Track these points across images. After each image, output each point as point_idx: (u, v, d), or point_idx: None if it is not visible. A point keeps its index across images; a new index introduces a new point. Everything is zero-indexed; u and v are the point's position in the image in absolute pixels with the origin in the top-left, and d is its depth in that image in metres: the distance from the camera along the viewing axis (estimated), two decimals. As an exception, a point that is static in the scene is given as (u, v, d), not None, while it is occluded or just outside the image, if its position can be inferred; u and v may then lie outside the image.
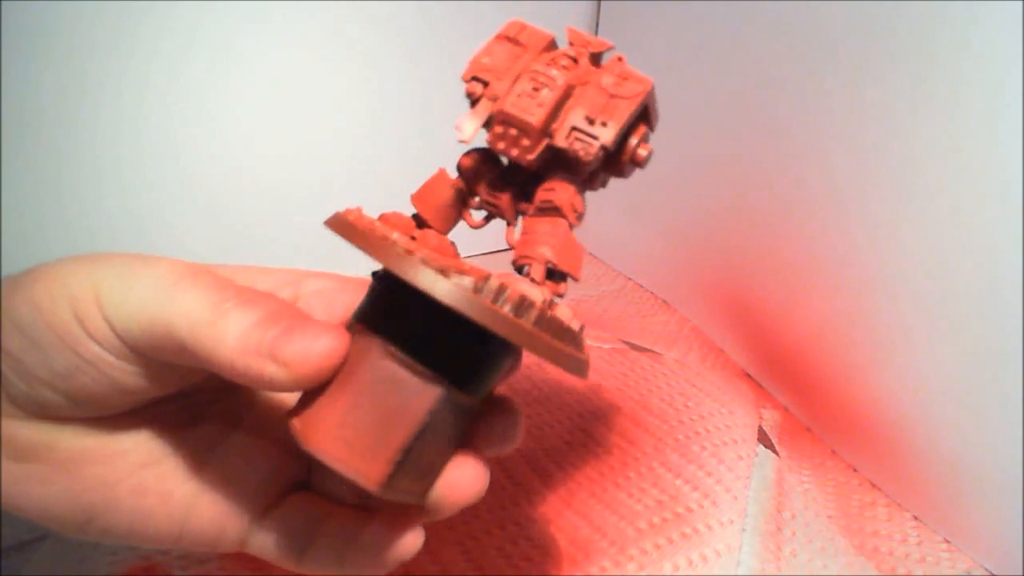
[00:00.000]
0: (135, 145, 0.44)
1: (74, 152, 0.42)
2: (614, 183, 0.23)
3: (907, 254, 0.31)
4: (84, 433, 0.19)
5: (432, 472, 0.18)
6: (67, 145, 0.42)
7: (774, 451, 0.36)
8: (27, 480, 0.18)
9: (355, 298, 0.20)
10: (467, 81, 0.20)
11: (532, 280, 0.19)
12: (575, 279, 0.20)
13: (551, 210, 0.20)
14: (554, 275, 0.20)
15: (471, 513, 0.30)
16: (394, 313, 0.18)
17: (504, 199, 0.21)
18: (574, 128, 0.19)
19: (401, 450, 0.17)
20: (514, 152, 0.19)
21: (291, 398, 0.19)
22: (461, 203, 0.21)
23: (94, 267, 0.18)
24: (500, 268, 0.19)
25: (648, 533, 0.29)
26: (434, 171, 0.21)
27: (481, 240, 0.57)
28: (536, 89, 0.19)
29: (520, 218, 0.21)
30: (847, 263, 0.34)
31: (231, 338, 0.16)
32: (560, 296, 0.19)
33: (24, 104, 0.40)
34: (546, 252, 0.19)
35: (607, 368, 0.41)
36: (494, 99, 0.19)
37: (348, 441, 0.17)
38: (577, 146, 0.19)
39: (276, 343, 0.16)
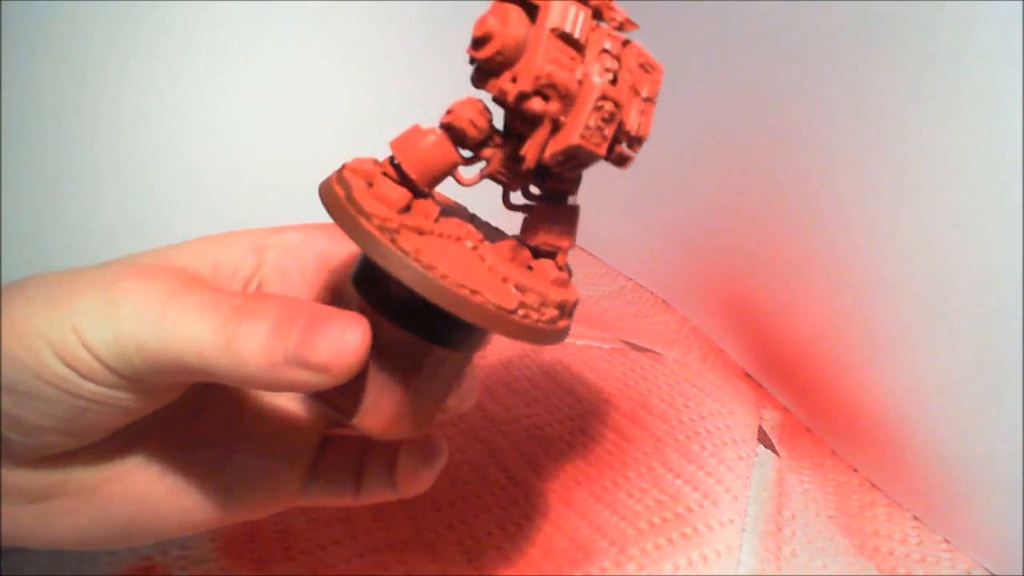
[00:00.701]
0: (135, 145, 0.44)
1: (74, 152, 0.42)
2: (613, 184, 0.23)
3: (907, 254, 0.31)
4: (95, 458, 0.18)
5: (435, 405, 0.20)
6: (67, 145, 0.42)
7: (774, 451, 0.36)
8: (54, 514, 0.18)
9: (325, 247, 0.21)
10: (530, 94, 0.17)
11: (560, 268, 0.19)
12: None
13: (562, 198, 0.20)
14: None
15: (471, 513, 0.30)
16: (388, 289, 0.18)
17: (517, 173, 0.19)
18: (616, 141, 0.18)
19: (432, 405, 0.19)
20: (570, 175, 0.19)
21: None
22: (454, 165, 0.19)
23: (66, 307, 0.16)
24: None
25: (648, 533, 0.29)
26: (427, 132, 0.19)
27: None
28: (606, 120, 0.17)
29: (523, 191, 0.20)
30: (847, 263, 0.34)
31: (253, 357, 0.15)
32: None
33: (24, 104, 0.40)
34: (568, 242, 0.19)
35: (607, 368, 0.41)
36: (558, 126, 0.17)
37: (406, 416, 0.19)
38: (619, 162, 0.19)
39: (302, 349, 0.15)
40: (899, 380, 0.32)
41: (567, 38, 0.17)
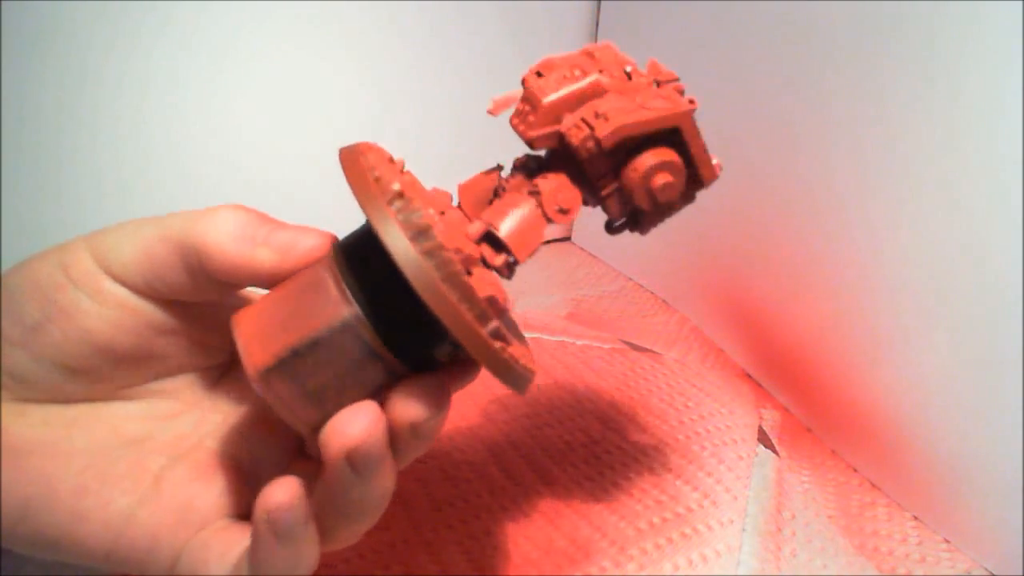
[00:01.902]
0: (135, 144, 0.44)
1: (74, 152, 0.42)
2: None
3: (907, 254, 0.31)
4: (38, 425, 0.19)
5: (323, 403, 0.18)
6: (67, 145, 0.42)
7: (774, 451, 0.36)
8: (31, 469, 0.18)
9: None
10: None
11: (465, 236, 0.19)
12: (515, 258, 0.19)
13: (534, 194, 0.20)
14: (495, 243, 0.19)
15: (471, 513, 0.30)
16: (352, 239, 0.19)
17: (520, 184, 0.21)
18: (582, 119, 0.19)
19: (290, 348, 0.18)
20: (521, 127, 0.19)
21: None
22: (493, 192, 0.21)
23: (87, 240, 0.19)
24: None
25: (648, 533, 0.29)
26: (483, 168, 0.21)
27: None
28: (566, 77, 0.19)
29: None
30: (847, 263, 0.34)
31: (227, 225, 0.18)
32: (493, 267, 0.19)
33: (24, 104, 0.40)
34: (496, 218, 0.19)
35: (607, 368, 0.41)
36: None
37: (256, 323, 0.18)
38: (572, 131, 0.19)
39: (270, 233, 0.19)
40: (899, 380, 0.32)
41: (588, 54, 0.21)
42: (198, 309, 0.20)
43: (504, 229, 0.19)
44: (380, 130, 0.50)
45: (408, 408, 0.18)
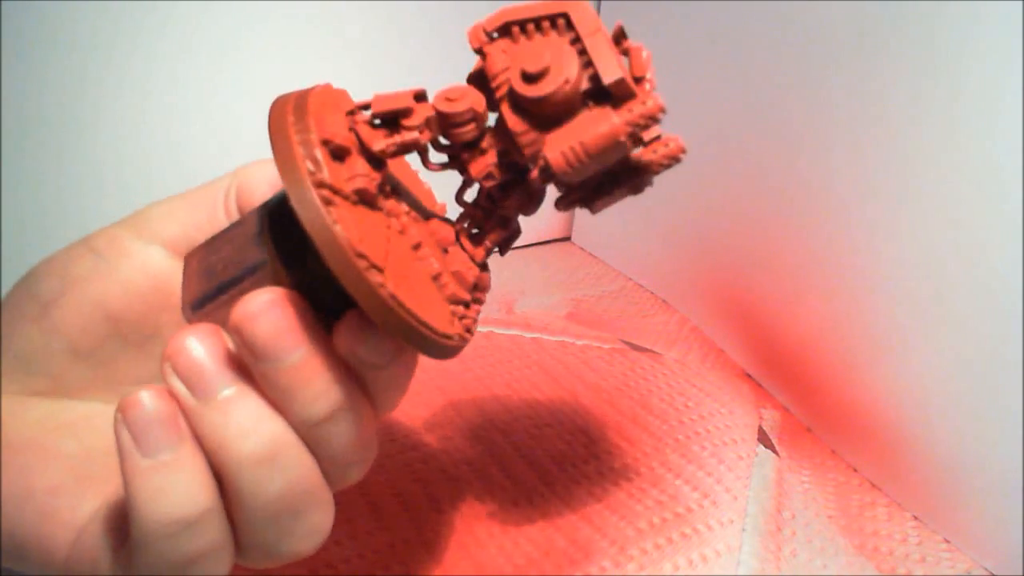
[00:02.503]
0: (136, 144, 0.44)
1: (75, 152, 0.42)
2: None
3: (907, 254, 0.31)
4: (33, 424, 0.19)
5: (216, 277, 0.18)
6: (67, 145, 0.42)
7: (774, 451, 0.36)
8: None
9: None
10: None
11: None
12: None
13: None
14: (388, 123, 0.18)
15: (471, 513, 0.30)
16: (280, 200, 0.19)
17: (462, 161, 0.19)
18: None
19: (214, 292, 0.17)
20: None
21: None
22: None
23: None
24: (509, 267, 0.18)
25: (648, 533, 0.29)
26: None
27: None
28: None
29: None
30: (847, 263, 0.34)
31: (266, 174, 0.21)
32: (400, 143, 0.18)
33: (24, 104, 0.40)
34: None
35: (607, 368, 0.41)
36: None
37: (197, 261, 0.18)
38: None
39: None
40: (899, 380, 0.32)
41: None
42: None
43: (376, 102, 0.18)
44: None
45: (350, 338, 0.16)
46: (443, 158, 0.19)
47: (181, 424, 0.15)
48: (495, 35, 0.18)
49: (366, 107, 0.18)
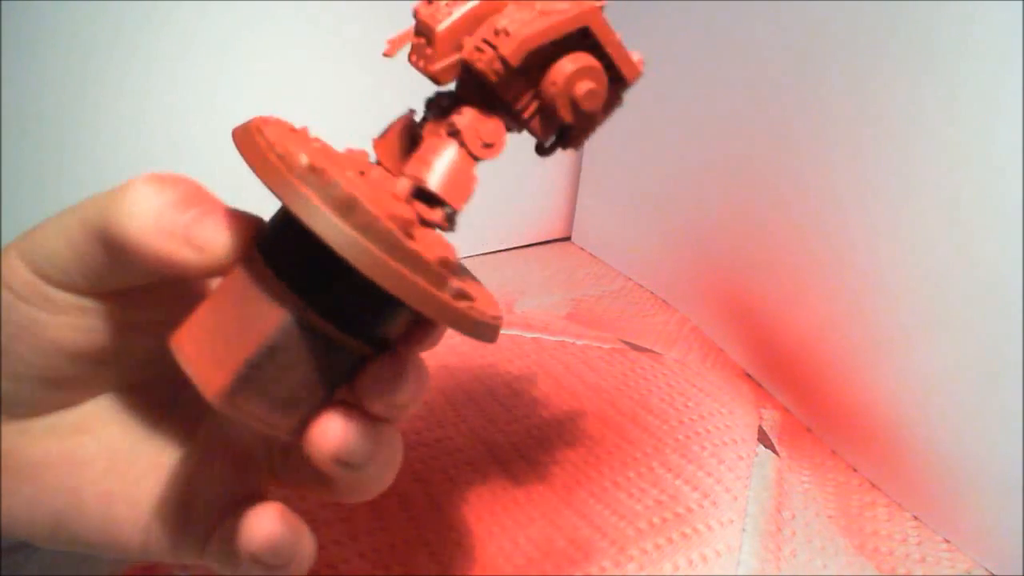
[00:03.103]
0: (135, 144, 0.44)
1: (74, 152, 0.42)
2: (614, 184, 0.22)
3: (907, 254, 0.31)
4: (45, 437, 0.19)
5: (296, 407, 0.17)
6: (67, 145, 0.42)
7: (774, 451, 0.36)
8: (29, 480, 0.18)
9: None
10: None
11: (394, 197, 0.17)
12: (452, 207, 0.18)
13: (453, 134, 0.18)
14: (428, 198, 0.18)
15: (471, 513, 0.30)
16: (273, 226, 0.17)
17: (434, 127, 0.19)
18: (483, 40, 0.17)
19: (247, 363, 0.16)
20: (421, 63, 0.18)
21: None
22: (410, 140, 0.19)
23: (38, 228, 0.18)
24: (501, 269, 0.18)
25: (648, 533, 0.29)
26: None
27: (476, 242, 0.56)
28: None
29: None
30: (847, 263, 0.34)
31: (145, 215, 0.16)
32: (432, 224, 0.18)
33: (24, 104, 0.40)
34: (421, 171, 0.17)
35: (607, 368, 0.41)
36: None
37: (200, 343, 0.16)
38: (475, 56, 0.17)
39: (191, 227, 0.16)
40: (899, 380, 0.32)
41: None
42: (160, 290, 0.19)
43: (433, 181, 0.17)
44: (380, 129, 0.50)
45: (374, 396, 0.17)
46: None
47: None
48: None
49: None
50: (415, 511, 0.30)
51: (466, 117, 0.18)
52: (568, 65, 0.17)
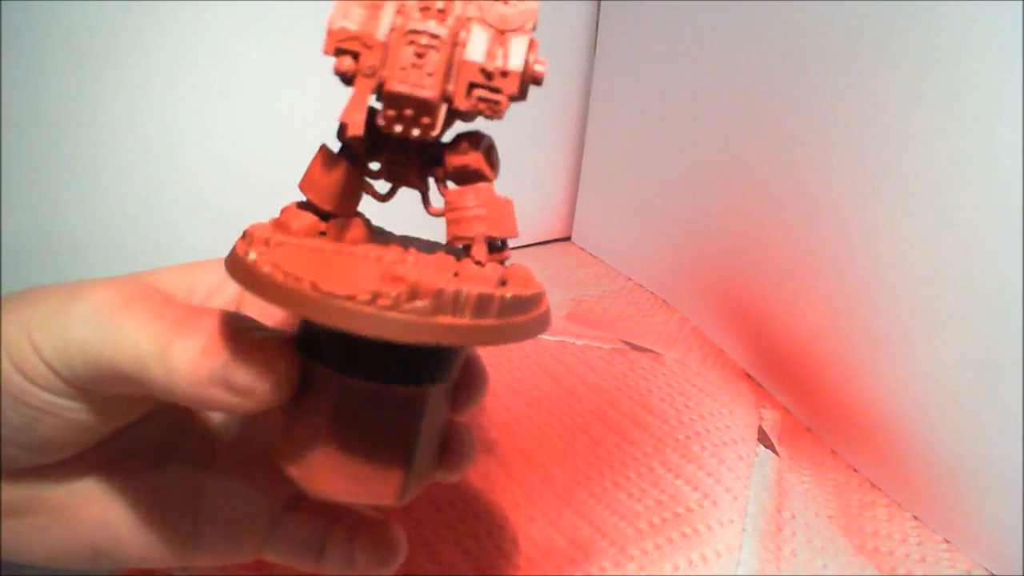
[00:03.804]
0: (134, 144, 0.44)
1: (73, 152, 0.42)
2: (614, 184, 0.22)
3: (906, 254, 0.31)
4: (66, 479, 0.19)
5: (435, 454, 0.19)
6: (66, 145, 0.42)
7: (774, 451, 0.36)
8: (26, 532, 0.18)
9: None
10: (332, 55, 0.17)
11: (477, 262, 0.17)
12: (514, 236, 0.18)
13: (470, 174, 0.17)
14: (494, 246, 0.18)
15: (471, 513, 0.30)
16: (342, 347, 0.16)
17: (410, 169, 0.18)
18: (473, 85, 0.16)
19: (407, 461, 0.17)
20: (416, 132, 0.16)
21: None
22: (359, 177, 0.18)
23: (23, 310, 0.17)
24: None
25: (648, 533, 0.29)
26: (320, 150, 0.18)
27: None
28: (421, 55, 0.16)
29: (434, 184, 0.18)
30: (847, 263, 0.34)
31: (183, 371, 0.16)
32: (505, 261, 0.18)
33: (23, 104, 0.40)
34: (481, 228, 0.17)
35: (607, 368, 0.41)
36: (372, 74, 0.16)
37: (355, 475, 0.17)
38: (483, 107, 0.16)
39: (228, 372, 0.16)
40: (899, 380, 0.32)
41: None
42: None
43: (492, 229, 0.17)
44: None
45: (476, 401, 0.20)
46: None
47: None
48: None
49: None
50: (415, 511, 0.30)
51: (478, 152, 0.17)
52: (530, 56, 0.16)
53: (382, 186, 0.18)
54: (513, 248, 0.22)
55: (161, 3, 0.41)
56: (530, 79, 0.17)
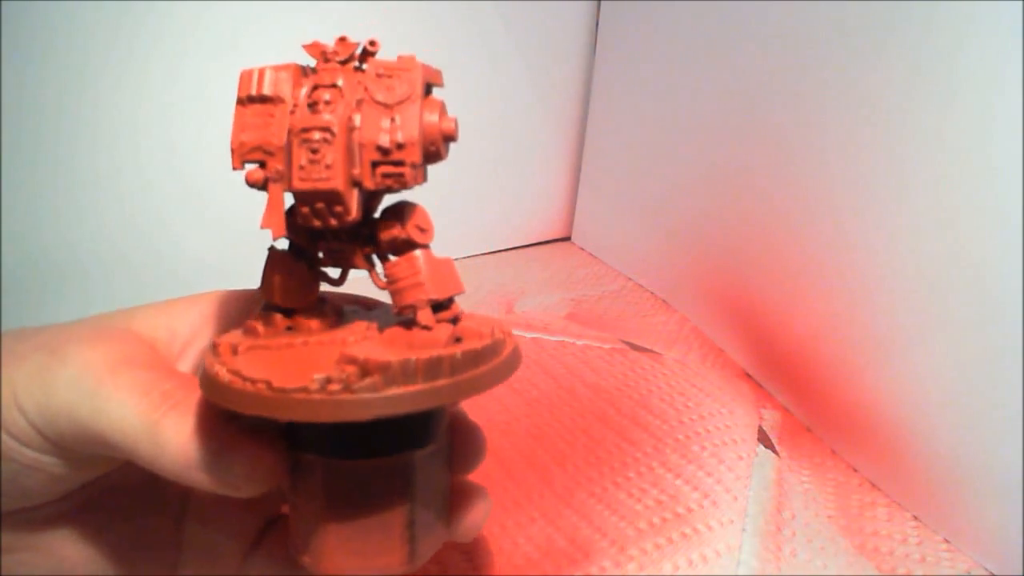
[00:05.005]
0: (134, 145, 0.44)
1: (73, 153, 0.42)
2: (613, 185, 0.22)
3: (906, 254, 0.31)
4: (54, 518, 0.19)
5: (441, 516, 0.19)
6: (66, 146, 0.42)
7: (774, 451, 0.36)
8: (17, 565, 0.19)
9: None
10: (241, 169, 0.17)
11: (424, 327, 0.17)
12: (460, 293, 0.18)
13: (402, 244, 0.18)
14: (441, 306, 0.18)
15: (471, 513, 0.30)
16: (317, 434, 0.17)
17: (350, 251, 0.18)
18: (376, 164, 0.16)
19: (408, 528, 0.17)
20: (334, 222, 0.17)
21: None
22: (308, 269, 0.19)
23: (7, 367, 0.17)
24: (499, 269, 0.18)
25: (648, 533, 0.29)
26: (274, 249, 0.19)
27: (476, 242, 0.56)
28: (315, 151, 0.16)
29: (373, 259, 0.19)
30: (846, 263, 0.34)
31: (172, 454, 0.16)
32: (457, 318, 0.18)
33: (23, 105, 0.40)
34: (422, 294, 0.17)
35: (607, 368, 0.41)
36: (280, 178, 0.17)
37: (359, 551, 0.17)
38: (390, 182, 0.17)
39: (218, 461, 0.16)
40: (899, 380, 0.32)
41: (259, 99, 0.17)
42: None
43: (434, 292, 0.18)
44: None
45: (478, 461, 0.20)
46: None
47: None
48: None
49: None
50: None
51: (404, 222, 0.18)
52: (432, 117, 0.17)
53: (335, 271, 0.19)
54: (513, 248, 0.22)
55: (162, 3, 0.41)
56: (442, 138, 0.17)
